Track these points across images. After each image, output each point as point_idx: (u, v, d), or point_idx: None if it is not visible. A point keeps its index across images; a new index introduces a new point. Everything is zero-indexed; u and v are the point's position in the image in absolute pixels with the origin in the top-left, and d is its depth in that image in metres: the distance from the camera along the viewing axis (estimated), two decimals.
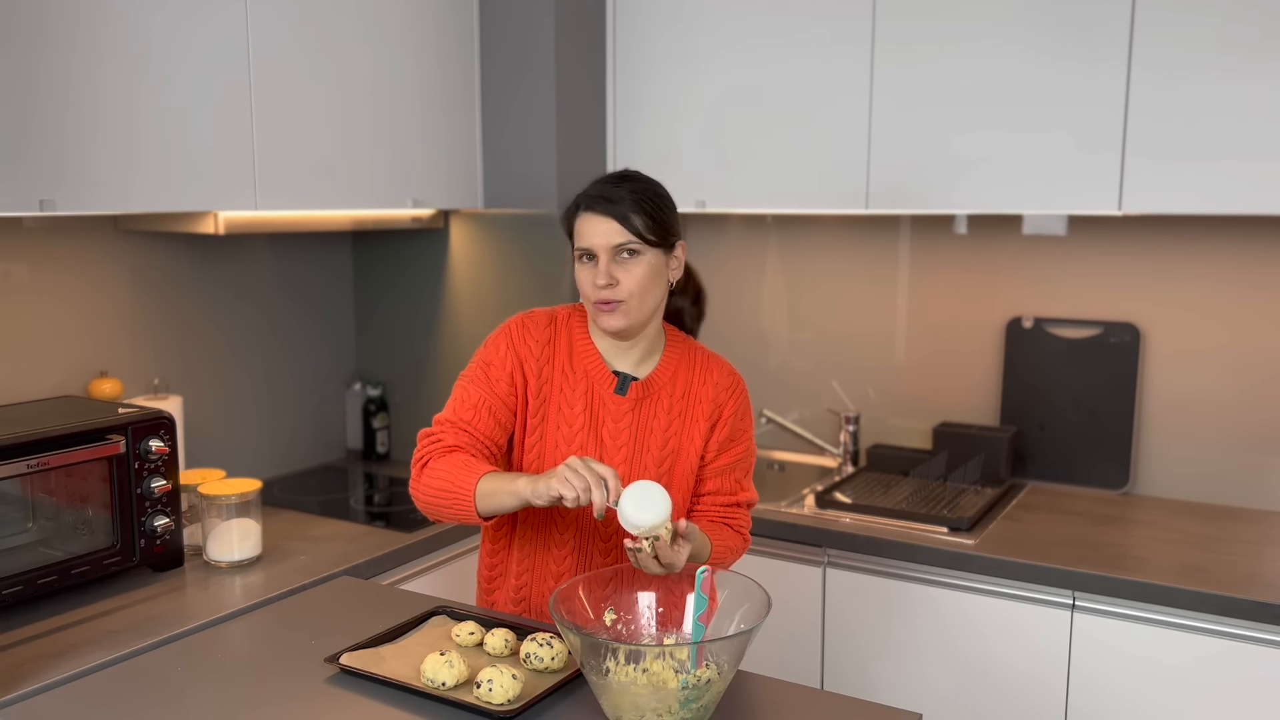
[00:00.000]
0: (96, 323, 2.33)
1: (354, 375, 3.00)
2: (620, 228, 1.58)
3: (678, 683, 1.30)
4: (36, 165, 1.81)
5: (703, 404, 1.69)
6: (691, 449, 1.68)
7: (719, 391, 1.70)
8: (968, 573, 2.17)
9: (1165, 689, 2.01)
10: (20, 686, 1.52)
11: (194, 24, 2.03)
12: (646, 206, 1.59)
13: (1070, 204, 2.29)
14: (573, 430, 1.65)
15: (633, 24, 2.73)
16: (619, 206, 1.58)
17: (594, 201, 1.60)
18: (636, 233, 1.58)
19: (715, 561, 1.64)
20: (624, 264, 1.59)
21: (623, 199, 1.58)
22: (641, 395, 1.67)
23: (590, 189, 1.62)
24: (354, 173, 2.39)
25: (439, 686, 1.41)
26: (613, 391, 1.66)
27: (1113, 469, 2.57)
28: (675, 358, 1.71)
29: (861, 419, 2.88)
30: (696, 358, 1.73)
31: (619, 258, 1.59)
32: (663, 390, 1.68)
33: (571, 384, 1.66)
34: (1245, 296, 2.44)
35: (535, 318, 1.70)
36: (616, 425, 1.66)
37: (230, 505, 2.02)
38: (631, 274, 1.58)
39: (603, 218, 1.58)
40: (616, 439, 1.65)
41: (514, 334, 1.67)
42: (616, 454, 1.65)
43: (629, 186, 1.60)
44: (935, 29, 2.37)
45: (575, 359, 1.67)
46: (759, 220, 3.01)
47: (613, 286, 1.58)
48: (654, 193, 1.62)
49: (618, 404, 1.66)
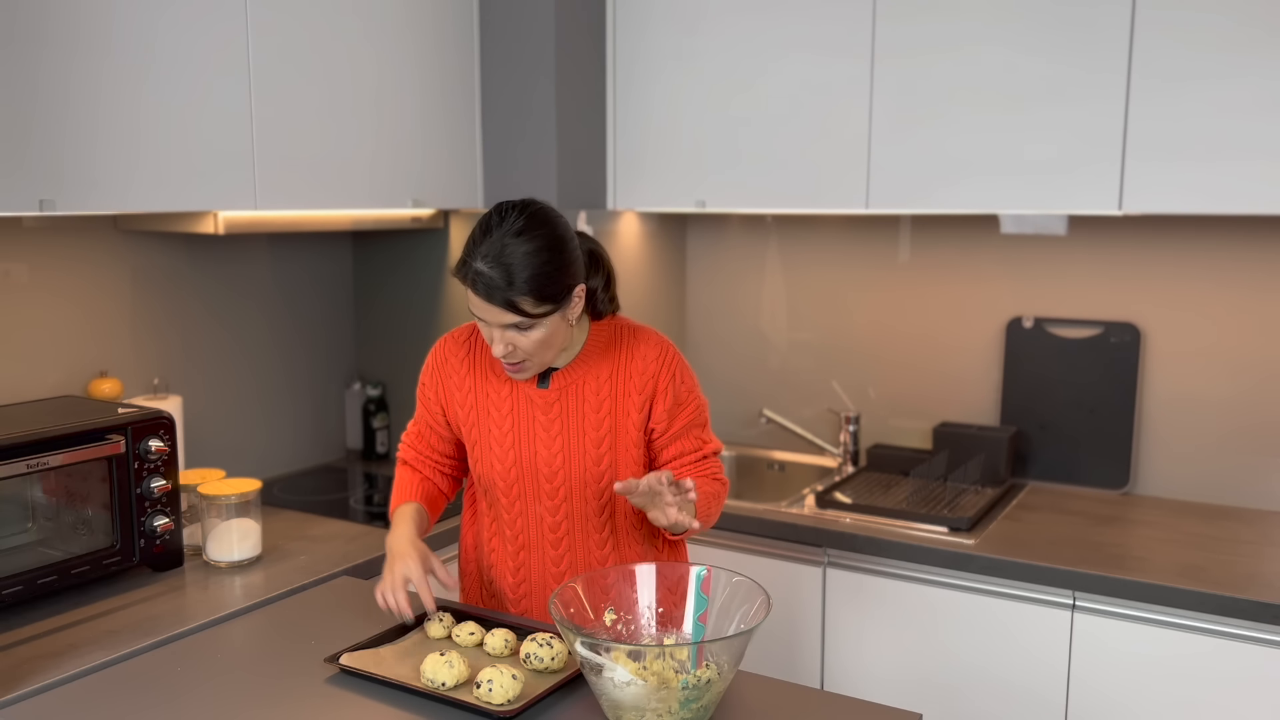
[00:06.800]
0: (96, 322, 2.33)
1: (354, 375, 3.00)
2: (508, 315, 1.53)
3: (678, 683, 1.30)
4: (36, 165, 1.81)
5: (633, 378, 1.70)
6: (629, 424, 1.69)
7: (647, 364, 1.70)
8: (968, 573, 2.17)
9: (1165, 689, 2.02)
10: (20, 686, 1.52)
11: (194, 24, 2.03)
12: (534, 284, 1.51)
13: (1070, 204, 2.29)
14: (503, 431, 1.70)
15: (633, 24, 2.73)
16: (504, 293, 1.51)
17: (478, 283, 1.52)
18: (526, 315, 1.53)
19: (704, 509, 1.65)
20: (520, 333, 1.57)
21: (507, 281, 1.51)
22: (565, 383, 1.69)
23: (474, 260, 1.53)
24: (354, 173, 2.39)
25: (439, 687, 1.41)
26: (535, 387, 1.69)
27: (1113, 469, 2.57)
28: (599, 341, 1.72)
29: (861, 419, 2.88)
30: (621, 335, 1.73)
31: (510, 329, 1.56)
32: (588, 374, 1.69)
33: (495, 388, 1.71)
34: (1245, 296, 2.44)
35: (455, 337, 1.77)
36: (546, 417, 1.69)
37: (230, 505, 2.02)
38: (530, 338, 1.57)
39: (489, 305, 1.53)
40: (549, 429, 1.68)
41: (436, 359, 1.78)
42: (552, 444, 1.68)
43: (514, 259, 1.51)
44: (935, 29, 2.37)
45: (497, 365, 1.71)
46: (759, 220, 3.01)
47: (511, 352, 1.59)
48: (541, 263, 1.52)
49: (544, 397, 1.69)
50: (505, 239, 1.53)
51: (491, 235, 1.54)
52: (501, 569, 1.77)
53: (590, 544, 1.71)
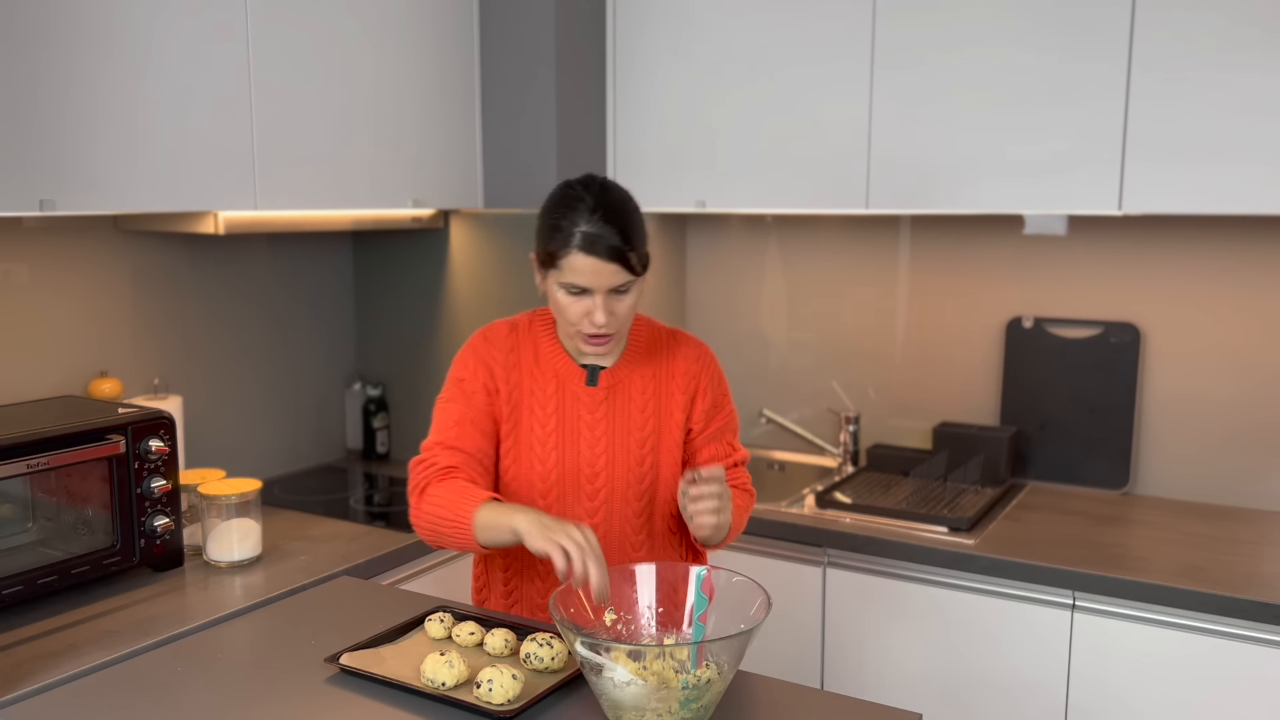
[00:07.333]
0: (97, 322, 2.33)
1: (354, 375, 3.00)
2: (621, 270, 1.54)
3: (678, 683, 1.30)
4: (36, 165, 1.81)
5: (677, 378, 1.70)
6: (673, 424, 1.69)
7: (690, 364, 1.71)
8: (968, 573, 2.17)
9: (1165, 689, 2.02)
10: (20, 686, 1.52)
11: (194, 24, 2.03)
12: (637, 240, 1.56)
13: (1070, 204, 2.29)
14: (546, 430, 1.66)
15: (633, 24, 2.73)
16: (619, 249, 1.53)
17: (592, 243, 1.52)
18: (634, 272, 1.56)
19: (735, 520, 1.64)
20: (617, 299, 1.57)
21: (620, 238, 1.53)
22: (613, 382, 1.68)
23: (580, 223, 1.53)
24: (354, 173, 2.39)
25: (439, 686, 1.41)
26: (584, 384, 1.67)
27: (1113, 469, 2.57)
28: (641, 339, 1.72)
29: (861, 419, 2.88)
30: (660, 335, 1.74)
31: (611, 294, 1.57)
32: (634, 373, 1.69)
33: (541, 384, 1.67)
34: (1245, 296, 2.44)
35: (495, 329, 1.72)
36: (592, 416, 1.67)
37: (230, 505, 2.02)
38: (624, 304, 1.58)
39: (604, 261, 1.53)
40: (594, 430, 1.67)
41: (479, 347, 1.70)
42: (596, 444, 1.66)
43: (620, 221, 1.54)
44: (935, 29, 2.37)
45: (542, 360, 1.68)
46: (759, 220, 3.01)
47: (609, 321, 1.57)
48: (640, 222, 1.58)
49: (591, 395, 1.67)
50: (606, 198, 1.55)
51: (587, 199, 1.54)
52: (529, 574, 1.72)
53: (626, 547, 1.69)
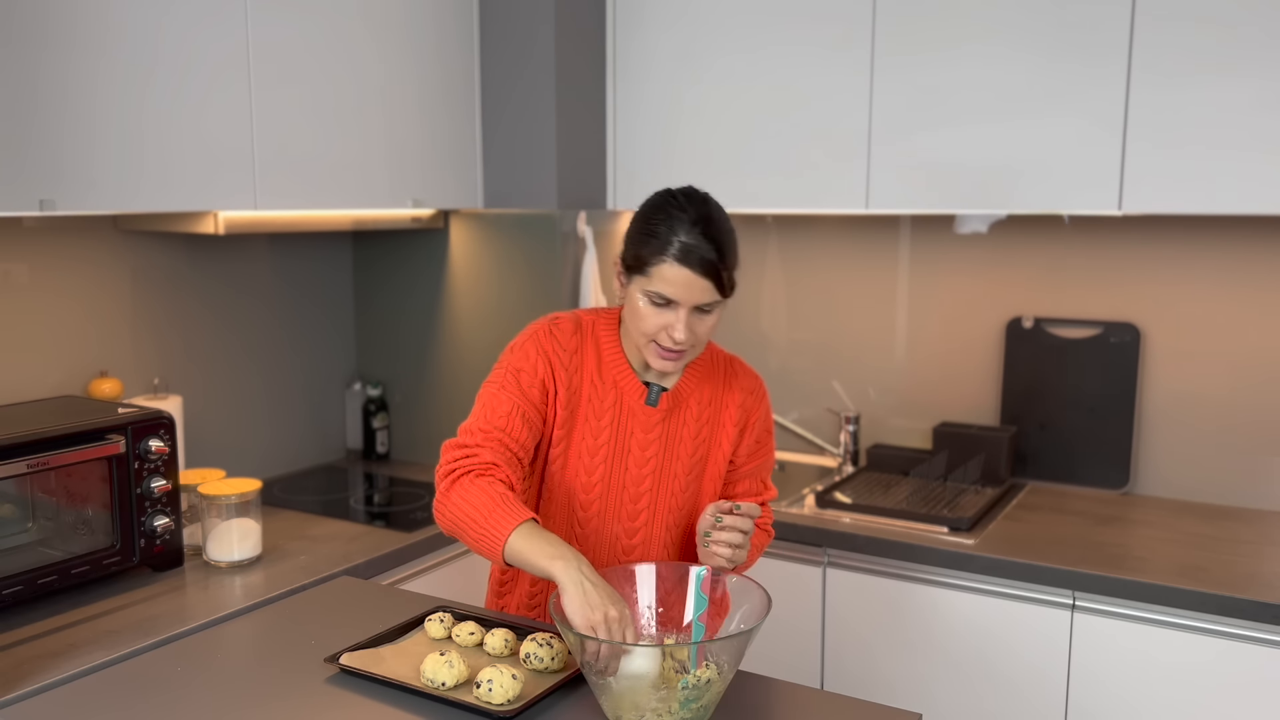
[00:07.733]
0: (96, 322, 2.33)
1: (354, 375, 3.00)
2: (711, 288, 1.48)
3: (678, 683, 1.30)
4: (36, 165, 1.81)
5: (730, 409, 1.67)
6: (719, 455, 1.67)
7: (746, 396, 1.68)
8: (968, 573, 2.17)
9: (1165, 689, 2.01)
10: (20, 686, 1.52)
11: (194, 24, 2.03)
12: (732, 260, 1.50)
13: (1070, 204, 2.29)
14: (598, 443, 1.61)
15: (633, 24, 2.73)
16: (714, 265, 1.47)
17: (689, 255, 1.46)
18: (723, 291, 1.50)
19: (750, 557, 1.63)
20: (699, 318, 1.52)
21: (717, 254, 1.47)
22: (671, 405, 1.64)
23: (680, 233, 1.47)
24: (354, 173, 2.39)
25: (439, 686, 1.41)
26: (643, 403, 1.62)
27: (1113, 469, 2.57)
28: (702, 363, 1.68)
29: (861, 419, 2.88)
30: (718, 361, 1.70)
31: (694, 311, 1.51)
32: (691, 398, 1.65)
33: (600, 394, 1.61)
34: (1245, 296, 2.44)
35: (562, 324, 1.63)
36: (646, 437, 1.63)
37: (230, 505, 2.02)
38: (705, 324, 1.52)
39: (697, 275, 1.47)
40: (645, 450, 1.63)
41: (543, 340, 1.60)
42: (645, 464, 1.63)
43: (719, 237, 1.48)
44: (935, 29, 2.37)
45: (604, 369, 1.62)
46: (759, 220, 3.01)
47: (687, 338, 1.51)
48: (735, 243, 1.52)
49: (648, 415, 1.62)
50: (708, 212, 1.50)
51: (690, 210, 1.49)
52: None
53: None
